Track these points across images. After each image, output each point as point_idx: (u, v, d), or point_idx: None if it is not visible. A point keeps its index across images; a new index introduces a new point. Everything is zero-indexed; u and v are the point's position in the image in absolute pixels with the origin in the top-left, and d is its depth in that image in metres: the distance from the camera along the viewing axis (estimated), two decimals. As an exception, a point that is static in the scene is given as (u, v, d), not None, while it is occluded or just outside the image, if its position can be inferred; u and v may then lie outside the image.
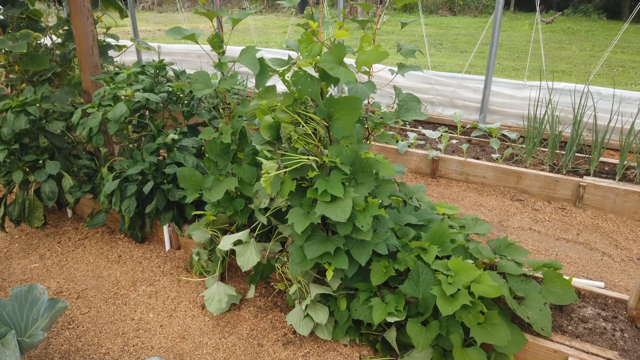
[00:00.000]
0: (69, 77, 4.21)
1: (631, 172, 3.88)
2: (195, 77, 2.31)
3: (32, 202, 3.21)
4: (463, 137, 4.78)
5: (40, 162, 3.18)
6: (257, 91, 2.32)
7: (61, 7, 7.26)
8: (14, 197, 3.69)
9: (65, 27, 4.09)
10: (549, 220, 3.62)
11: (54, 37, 4.15)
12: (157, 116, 3.54)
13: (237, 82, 2.34)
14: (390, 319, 2.21)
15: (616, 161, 4.05)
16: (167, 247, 3.27)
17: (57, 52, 4.21)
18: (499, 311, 2.20)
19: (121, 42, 4.32)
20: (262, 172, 2.06)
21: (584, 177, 3.80)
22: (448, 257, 2.48)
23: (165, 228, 3.19)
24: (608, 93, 4.65)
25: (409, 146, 4.40)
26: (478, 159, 4.24)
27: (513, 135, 4.43)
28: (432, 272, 2.27)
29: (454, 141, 4.35)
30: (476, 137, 4.65)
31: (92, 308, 2.76)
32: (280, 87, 3.16)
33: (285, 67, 2.09)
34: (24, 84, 3.76)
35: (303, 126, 2.26)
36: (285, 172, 2.21)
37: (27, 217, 3.22)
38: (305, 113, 2.22)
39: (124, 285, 2.96)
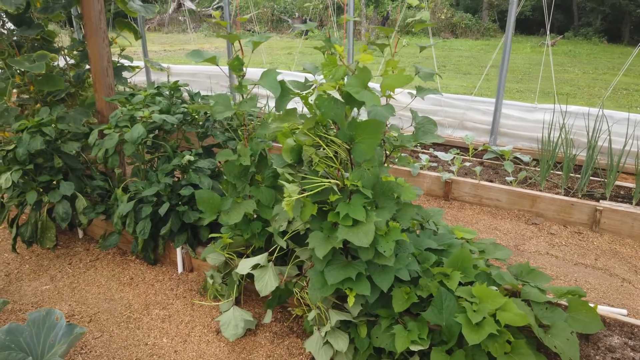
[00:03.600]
0: (82, 98, 4.22)
1: (647, 196, 3.85)
2: (216, 99, 2.30)
3: (44, 222, 3.18)
4: (475, 159, 4.75)
5: (54, 182, 3.16)
6: (276, 113, 2.31)
7: (73, 29, 7.35)
8: (24, 218, 3.66)
9: (80, 48, 4.12)
10: (565, 245, 3.57)
11: (67, 58, 4.17)
12: (170, 137, 3.54)
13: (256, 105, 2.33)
14: (414, 348, 2.15)
15: (631, 185, 4.01)
16: (180, 269, 3.23)
17: (70, 72, 4.23)
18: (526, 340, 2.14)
19: (134, 63, 4.35)
20: (285, 195, 2.04)
21: (600, 201, 3.76)
22: (470, 284, 2.43)
23: (179, 250, 3.15)
24: (619, 116, 4.64)
25: (421, 168, 4.38)
26: (491, 181, 4.21)
27: (526, 158, 4.41)
28: (455, 298, 2.21)
29: (467, 164, 4.33)
30: (488, 159, 4.63)
31: (104, 332, 2.71)
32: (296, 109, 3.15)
33: (309, 90, 2.08)
34: (38, 104, 3.76)
35: (324, 149, 2.24)
36: (307, 195, 2.18)
37: (39, 238, 3.19)
38: (326, 136, 2.20)
39: (137, 309, 2.90)
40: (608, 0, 19.33)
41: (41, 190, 3.16)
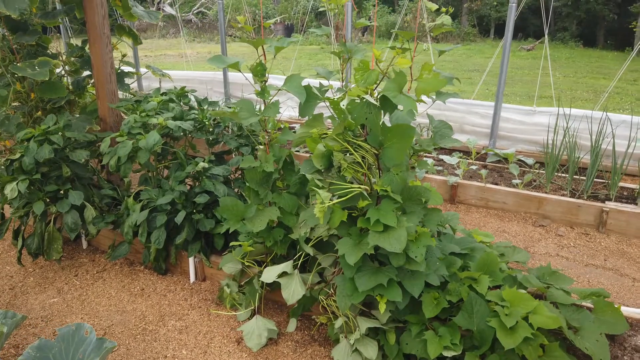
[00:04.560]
0: (81, 105, 4.12)
1: (650, 196, 3.92)
2: (240, 105, 2.26)
3: (51, 234, 3.08)
4: (478, 162, 4.79)
5: (61, 192, 3.06)
6: (301, 120, 2.28)
7: (60, 35, 7.20)
8: (29, 229, 3.55)
9: (79, 54, 4.03)
10: (574, 246, 3.61)
11: (64, 65, 4.07)
12: (177, 144, 3.47)
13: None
14: (447, 353, 2.13)
15: (634, 186, 4.08)
16: (192, 279, 3.16)
17: (69, 79, 4.13)
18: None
19: (128, 68, 4.27)
20: (317, 201, 2.00)
21: (606, 202, 3.81)
22: (497, 287, 2.43)
23: (191, 260, 3.08)
24: (617, 119, 4.73)
25: (426, 172, 4.39)
26: (497, 184, 4.24)
27: (530, 161, 4.46)
28: (485, 303, 2.21)
29: (473, 167, 4.35)
30: (492, 162, 4.67)
31: (121, 345, 2.63)
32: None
33: (341, 96, 2.05)
34: (39, 112, 3.66)
35: (351, 154, 2.22)
36: (335, 202, 2.15)
37: (45, 249, 3.09)
38: (354, 141, 2.18)
39: (152, 320, 2.83)
40: (583, 6, 19.81)
41: (48, 200, 3.06)
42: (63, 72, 4.08)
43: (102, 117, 3.64)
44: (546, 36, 5.34)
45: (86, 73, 4.07)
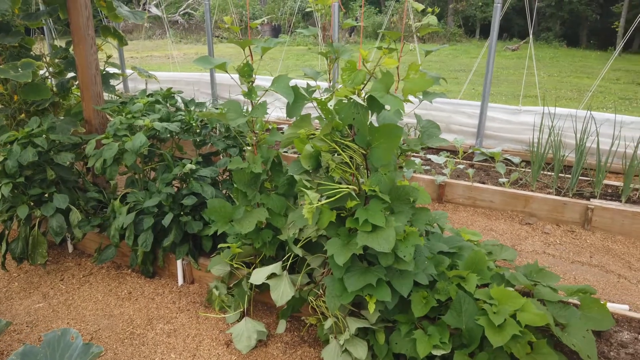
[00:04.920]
0: (65, 107, 4.07)
1: (634, 194, 3.97)
2: (227, 106, 2.25)
3: (35, 238, 3.04)
4: (465, 161, 4.82)
5: (46, 195, 3.02)
6: (289, 120, 2.28)
7: (44, 36, 7.11)
8: (13, 234, 3.49)
9: (64, 56, 3.97)
10: (560, 244, 3.64)
11: (48, 66, 4.01)
12: (164, 146, 3.44)
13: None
14: (436, 352, 2.14)
15: (618, 184, 4.14)
16: (180, 281, 3.13)
17: (53, 81, 4.07)
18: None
19: (114, 70, 4.22)
20: (306, 202, 2.00)
21: (591, 199, 3.86)
22: (485, 285, 2.45)
23: (179, 262, 3.06)
24: (600, 117, 4.79)
25: (414, 172, 4.40)
26: (484, 183, 4.27)
27: (516, 160, 4.50)
28: (474, 301, 2.22)
29: (460, 166, 4.38)
30: (479, 161, 4.70)
31: (108, 350, 2.60)
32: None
33: (328, 96, 2.05)
34: (23, 114, 3.60)
35: (339, 155, 2.22)
36: (324, 202, 2.15)
37: (30, 254, 3.05)
38: (342, 141, 2.18)
39: (140, 324, 2.80)
40: (566, 6, 20.07)
41: (32, 203, 3.02)
42: (47, 74, 4.02)
43: (87, 119, 3.60)
44: (530, 36, 5.39)
45: (71, 75, 4.01)
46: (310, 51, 17.81)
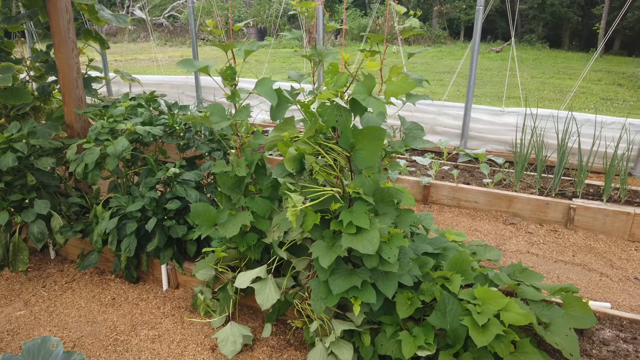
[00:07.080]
0: (47, 111, 4.02)
1: (615, 193, 4.04)
2: (211, 109, 2.24)
3: (16, 244, 2.99)
4: (450, 163, 4.85)
5: (27, 201, 2.97)
6: (274, 123, 2.27)
7: (25, 39, 7.01)
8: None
9: (44, 59, 3.92)
10: (543, 243, 3.68)
11: (28, 70, 3.96)
12: (147, 150, 3.41)
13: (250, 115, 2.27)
14: (421, 353, 2.15)
15: (600, 183, 4.20)
16: (165, 286, 3.10)
17: (34, 85, 4.02)
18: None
19: (96, 73, 4.17)
20: (290, 205, 1.99)
21: (573, 199, 3.91)
22: (470, 286, 2.47)
23: (164, 267, 3.03)
24: (581, 118, 4.86)
25: (399, 173, 4.42)
26: (468, 184, 4.30)
27: (500, 160, 4.54)
28: (458, 302, 2.23)
29: (445, 167, 4.41)
30: (463, 162, 4.74)
31: (91, 357, 2.56)
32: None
33: (311, 99, 2.05)
34: (3, 119, 3.55)
35: (323, 157, 2.22)
36: (308, 205, 2.15)
37: (11, 261, 2.99)
38: (326, 144, 2.18)
39: (123, 330, 2.76)
40: (548, 8, 20.36)
41: (12, 210, 2.97)
42: (27, 78, 3.97)
43: (69, 124, 3.55)
44: (512, 38, 5.46)
45: (52, 78, 3.97)
46: (296, 54, 17.83)
